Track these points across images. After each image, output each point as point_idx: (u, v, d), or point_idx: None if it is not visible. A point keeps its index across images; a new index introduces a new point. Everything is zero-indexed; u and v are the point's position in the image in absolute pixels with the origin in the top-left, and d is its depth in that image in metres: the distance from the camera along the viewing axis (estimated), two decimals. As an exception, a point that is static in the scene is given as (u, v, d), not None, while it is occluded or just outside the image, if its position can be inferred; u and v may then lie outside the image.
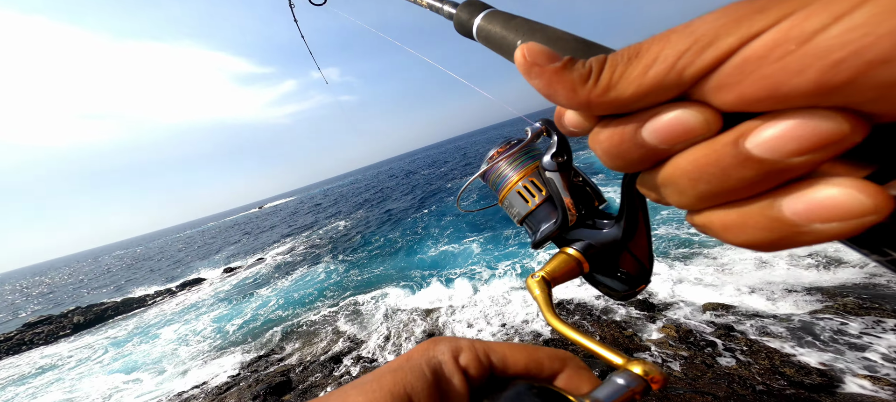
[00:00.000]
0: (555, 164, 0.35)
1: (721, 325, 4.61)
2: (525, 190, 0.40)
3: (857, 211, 0.14)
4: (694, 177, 0.18)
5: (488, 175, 0.44)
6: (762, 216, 0.17)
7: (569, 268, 0.35)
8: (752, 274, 5.79)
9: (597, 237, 0.35)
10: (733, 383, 3.18)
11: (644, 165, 0.21)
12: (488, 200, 0.53)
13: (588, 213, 0.37)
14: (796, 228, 0.16)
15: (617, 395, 0.21)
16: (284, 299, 10.41)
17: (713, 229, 0.20)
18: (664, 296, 5.89)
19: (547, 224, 0.39)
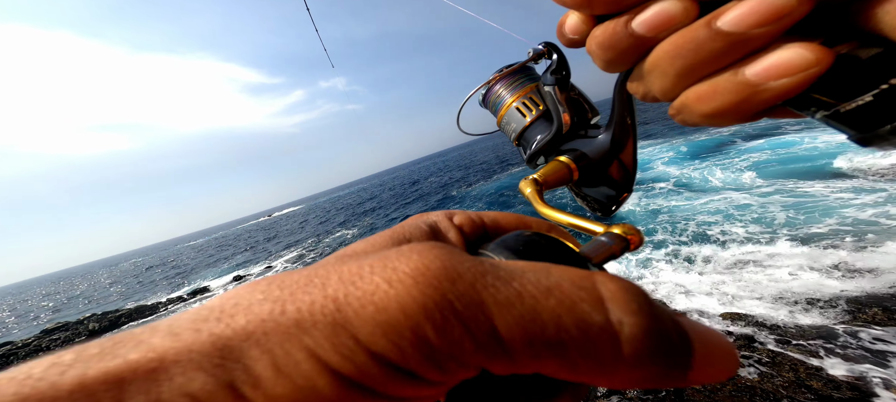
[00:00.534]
0: (553, 79, 0.37)
1: (740, 336, 4.39)
2: (523, 106, 0.42)
3: (802, 65, 0.18)
4: (673, 55, 0.21)
5: (488, 97, 0.45)
6: (729, 82, 0.20)
7: (560, 174, 0.37)
8: (773, 285, 5.54)
9: (589, 146, 0.36)
10: (755, 396, 3.00)
11: (633, 56, 0.24)
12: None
13: (581, 123, 0.39)
14: (756, 87, 0.19)
15: (600, 249, 0.23)
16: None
17: (689, 104, 0.23)
18: (678, 306, 5.67)
19: (542, 135, 0.40)
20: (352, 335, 0.13)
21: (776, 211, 7.86)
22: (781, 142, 12.90)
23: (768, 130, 15.42)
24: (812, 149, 11.26)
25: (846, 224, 6.49)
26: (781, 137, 13.64)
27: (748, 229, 7.46)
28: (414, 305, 0.13)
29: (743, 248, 6.83)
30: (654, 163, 15.12)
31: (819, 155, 10.44)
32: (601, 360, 0.13)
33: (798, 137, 12.88)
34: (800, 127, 13.90)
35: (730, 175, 11.12)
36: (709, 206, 9.31)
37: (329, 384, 0.13)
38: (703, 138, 16.94)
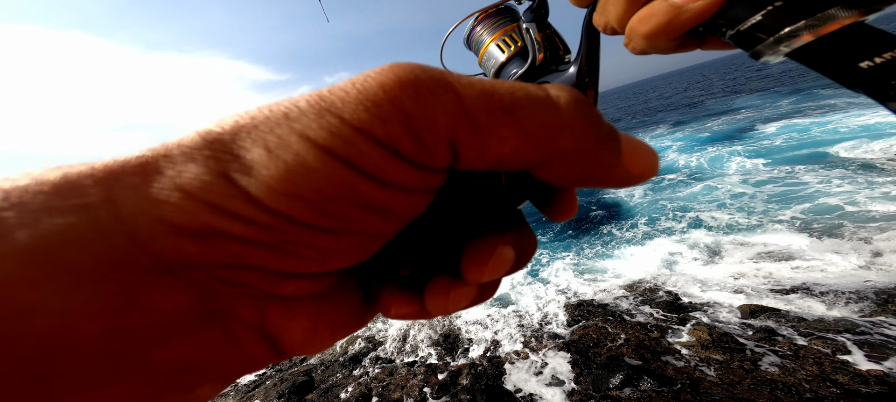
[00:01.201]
0: (532, 16, 0.39)
1: (760, 328, 4.26)
2: (503, 43, 0.44)
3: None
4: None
5: (471, 38, 0.47)
6: (661, 4, 0.24)
7: None
8: (795, 275, 5.34)
9: (558, 79, 0.39)
10: (777, 390, 2.91)
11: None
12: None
13: (553, 59, 0.41)
14: (679, 9, 0.23)
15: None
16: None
17: (634, 27, 0.26)
18: (694, 297, 5.54)
19: (517, 69, 0.42)
20: (338, 116, 0.14)
21: (798, 200, 7.54)
22: (797, 126, 12.30)
23: (785, 114, 14.73)
24: (831, 131, 10.74)
25: (874, 214, 6.17)
26: (797, 120, 13.01)
27: (768, 218, 7.19)
28: (392, 83, 0.14)
29: (762, 238, 6.60)
30: (666, 152, 14.68)
31: (839, 139, 9.97)
32: (545, 121, 0.16)
33: (811, 121, 12.28)
34: (821, 110, 13.20)
35: (747, 162, 10.70)
36: (723, 194, 9.01)
37: (318, 159, 0.13)
38: (722, 127, 16.32)
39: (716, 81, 41.09)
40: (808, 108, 14.61)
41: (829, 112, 12.75)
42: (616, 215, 9.95)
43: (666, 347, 4.29)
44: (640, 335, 4.68)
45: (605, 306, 5.87)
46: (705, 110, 21.99)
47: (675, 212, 8.92)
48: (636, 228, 8.77)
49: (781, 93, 20.41)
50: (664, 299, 5.60)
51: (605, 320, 5.39)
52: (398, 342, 6.53)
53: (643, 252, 7.54)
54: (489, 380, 4.53)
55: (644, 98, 49.85)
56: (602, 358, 4.38)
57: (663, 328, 4.76)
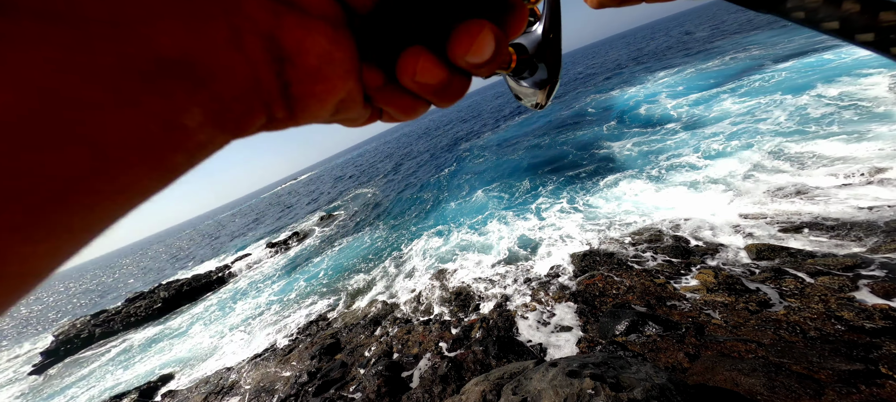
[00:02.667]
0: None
1: (767, 268, 4.30)
2: None
3: None
4: None
5: None
6: None
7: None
8: (804, 210, 5.23)
9: (526, 38, 0.42)
10: (781, 329, 3.00)
11: None
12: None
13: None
14: None
15: None
16: (328, 268, 11.22)
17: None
18: (701, 240, 5.55)
19: None
20: None
21: (804, 135, 7.14)
22: (810, 62, 11.20)
23: (797, 51, 13.36)
24: (842, 64, 9.80)
25: (881, 145, 5.83)
26: (808, 57, 11.82)
27: (772, 154, 6.90)
28: None
29: (768, 177, 6.39)
30: (671, 94, 13.73)
31: (846, 69, 9.15)
32: None
33: (828, 55, 11.12)
34: (833, 46, 11.86)
35: (752, 101, 10.00)
36: (730, 134, 8.57)
37: None
38: (721, 67, 14.97)
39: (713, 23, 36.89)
40: (819, 43, 13.17)
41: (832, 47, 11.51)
42: (618, 166, 9.67)
43: (671, 292, 4.41)
44: (646, 282, 4.81)
45: (612, 254, 5.96)
46: (710, 50, 20.08)
47: (675, 158, 8.61)
48: (641, 176, 8.56)
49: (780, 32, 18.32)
50: (670, 245, 5.64)
51: (610, 269, 5.51)
52: (413, 303, 6.90)
53: (649, 199, 7.44)
54: (500, 332, 4.82)
55: (646, 42, 45.44)
56: (608, 306, 4.56)
57: (669, 274, 4.86)
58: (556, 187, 9.88)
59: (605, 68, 30.67)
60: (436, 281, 7.42)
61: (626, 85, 19.47)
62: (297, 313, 8.75)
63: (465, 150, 20.59)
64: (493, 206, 10.39)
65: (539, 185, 10.58)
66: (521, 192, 10.62)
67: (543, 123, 18.34)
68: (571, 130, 14.77)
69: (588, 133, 13.46)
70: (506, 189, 11.25)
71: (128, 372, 9.24)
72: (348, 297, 8.55)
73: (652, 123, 11.68)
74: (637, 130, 11.58)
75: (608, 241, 6.53)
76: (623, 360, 2.71)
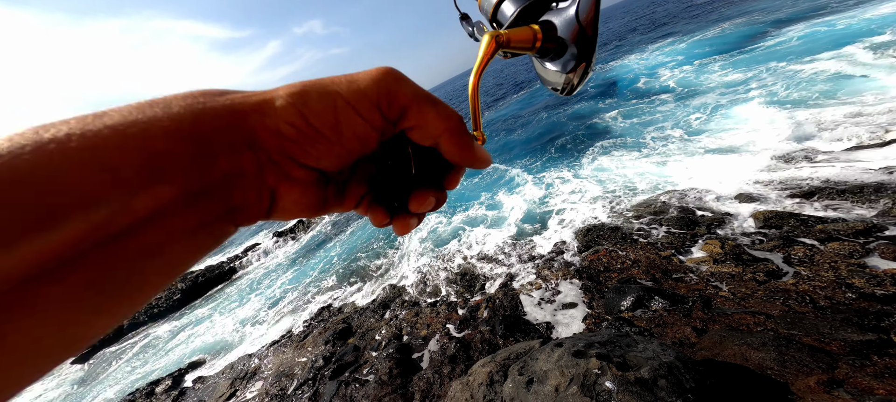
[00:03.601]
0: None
1: (775, 236, 4.24)
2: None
3: None
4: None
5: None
6: None
7: (524, 37, 0.41)
8: (812, 172, 5.08)
9: (557, 16, 0.41)
10: (790, 299, 2.99)
11: None
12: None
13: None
14: None
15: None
16: (336, 254, 11.36)
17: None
18: (707, 209, 5.47)
19: (515, 8, 0.45)
20: (357, 87, 0.28)
21: (807, 102, 6.81)
22: (813, 30, 10.45)
23: (796, 15, 12.42)
24: (840, 31, 9.16)
25: (889, 107, 5.55)
26: (808, 22, 10.99)
27: (775, 121, 6.63)
28: (382, 73, 0.28)
29: (774, 144, 6.17)
30: (670, 65, 13.05)
31: (844, 36, 8.56)
32: (446, 113, 0.30)
33: (827, 20, 10.34)
34: (832, 12, 10.96)
35: (753, 70, 9.49)
36: (732, 101, 8.22)
37: (344, 106, 0.27)
38: (720, 34, 14.04)
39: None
40: (829, 3, 12.17)
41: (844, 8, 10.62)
42: (619, 138, 9.39)
43: (677, 265, 4.39)
44: (651, 255, 4.79)
45: (616, 228, 5.91)
46: (709, 18, 18.76)
47: (677, 128, 8.32)
48: (642, 147, 8.33)
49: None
50: (675, 216, 5.56)
51: (615, 243, 5.48)
52: (420, 285, 7.00)
53: (652, 170, 7.28)
54: (506, 312, 4.89)
55: (646, 11, 42.60)
56: (613, 281, 4.57)
57: (675, 246, 4.82)
58: (558, 162, 9.69)
59: (602, 39, 29.27)
60: (441, 262, 7.48)
61: (624, 55, 18.68)
62: (310, 300, 8.95)
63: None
64: (495, 184, 10.27)
65: (540, 161, 10.38)
66: (522, 168, 10.45)
67: (542, 100, 17.76)
68: (571, 104, 14.29)
69: (587, 107, 13.04)
70: (507, 166, 11.08)
71: (160, 360, 9.67)
72: (358, 282, 8.69)
73: (651, 93, 11.27)
74: (636, 102, 11.19)
75: (612, 214, 6.46)
76: (629, 338, 2.72)
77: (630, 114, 10.48)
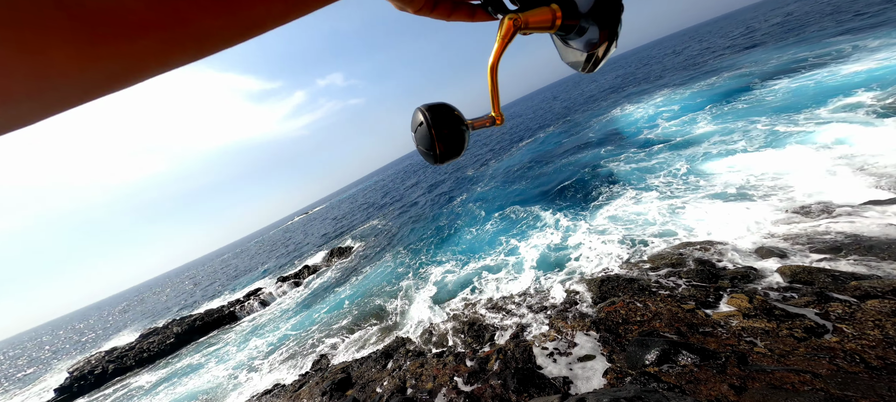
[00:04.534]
0: None
1: (808, 292, 3.98)
2: None
3: None
4: None
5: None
6: None
7: (543, 18, 0.40)
8: (832, 226, 4.94)
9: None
10: (837, 359, 2.70)
11: None
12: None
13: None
14: None
15: (478, 120, 0.47)
16: (340, 301, 11.01)
17: None
18: (727, 262, 5.25)
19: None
20: None
21: (816, 151, 6.95)
22: (804, 83, 11.19)
23: (784, 68, 13.47)
24: (832, 82, 9.76)
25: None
26: (800, 75, 11.84)
27: (788, 167, 6.68)
28: None
29: (788, 196, 6.14)
30: (670, 115, 13.83)
31: (836, 88, 9.06)
32: None
33: (818, 75, 11.12)
34: (822, 64, 11.95)
35: (754, 120, 9.93)
36: (735, 151, 8.43)
37: None
38: (715, 86, 15.17)
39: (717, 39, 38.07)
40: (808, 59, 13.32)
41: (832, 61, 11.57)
42: (626, 188, 9.53)
43: (703, 319, 4.09)
44: (673, 308, 4.49)
45: (632, 280, 5.66)
46: (708, 69, 20.56)
47: (685, 178, 8.45)
48: (651, 197, 8.38)
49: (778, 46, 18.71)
50: (694, 269, 5.34)
51: (632, 295, 5.20)
52: (426, 334, 6.59)
53: (663, 221, 7.21)
54: (519, 364, 4.49)
55: (639, 66, 47.06)
56: (633, 334, 4.24)
57: (698, 299, 4.54)
58: (567, 212, 9.73)
59: (600, 90, 31.29)
60: (448, 311, 7.14)
61: (625, 105, 19.67)
62: (308, 348, 8.44)
63: (472, 178, 20.81)
64: (504, 234, 10.23)
65: (549, 210, 10.45)
66: (531, 218, 10.48)
67: (546, 149, 18.56)
68: (575, 153, 14.85)
69: (591, 155, 13.48)
70: (515, 216, 11.14)
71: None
72: (360, 329, 8.26)
73: (655, 143, 11.65)
74: (641, 151, 11.54)
75: (627, 265, 6.24)
76: (659, 394, 2.45)
77: (636, 162, 10.73)
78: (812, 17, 25.99)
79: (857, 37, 13.95)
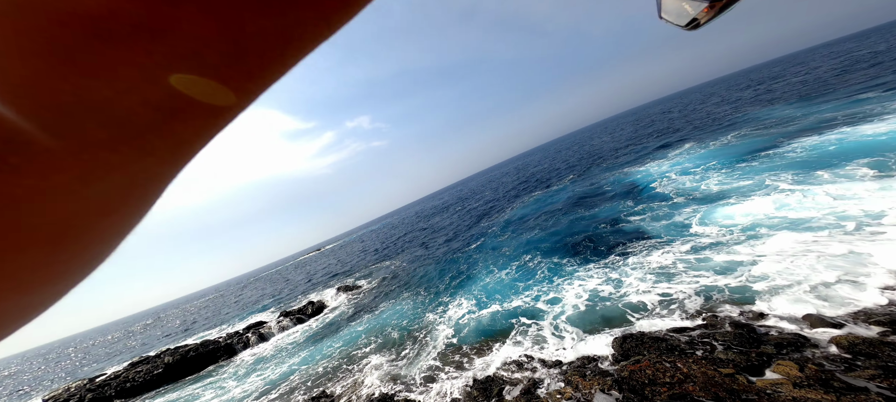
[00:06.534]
0: None
1: (871, 365, 3.42)
2: None
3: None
4: None
5: None
6: None
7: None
8: (880, 295, 4.38)
9: None
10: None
11: None
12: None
13: None
14: None
15: None
16: (341, 343, 10.54)
17: None
18: (772, 327, 4.67)
19: None
20: None
21: (845, 217, 6.46)
22: (825, 141, 10.89)
23: (808, 127, 13.18)
24: (858, 143, 9.35)
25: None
26: (823, 135, 11.57)
27: (841, 234, 6.16)
28: None
29: (827, 261, 5.59)
30: (684, 171, 13.62)
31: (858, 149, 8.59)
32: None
33: (839, 133, 10.80)
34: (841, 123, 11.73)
35: (788, 177, 9.54)
36: (765, 210, 7.97)
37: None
38: (734, 144, 15.01)
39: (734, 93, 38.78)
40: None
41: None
42: (646, 243, 9.08)
43: (745, 385, 3.54)
44: (709, 371, 3.94)
45: (659, 338, 5.10)
46: (718, 126, 20.60)
47: (706, 236, 7.96)
48: (673, 253, 7.90)
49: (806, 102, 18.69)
50: (731, 331, 4.78)
51: (660, 354, 4.64)
52: (429, 383, 5.99)
53: (688, 277, 6.68)
54: (529, 424, 3.95)
55: (651, 121, 48.21)
56: (663, 397, 3.69)
57: (737, 364, 3.99)
58: (584, 264, 9.28)
59: (614, 145, 31.36)
60: (454, 362, 6.60)
61: (645, 161, 19.43)
62: (299, 392, 7.89)
63: (486, 226, 20.69)
64: (518, 284, 9.78)
65: (565, 261, 10.02)
66: (545, 269, 10.04)
67: (560, 200, 18.42)
68: (589, 206, 14.59)
69: (607, 208, 13.18)
70: (530, 266, 10.73)
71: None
72: (358, 374, 7.70)
73: (673, 198, 11.31)
74: (658, 206, 11.18)
75: (651, 323, 5.68)
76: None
77: (651, 218, 10.34)
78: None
79: None
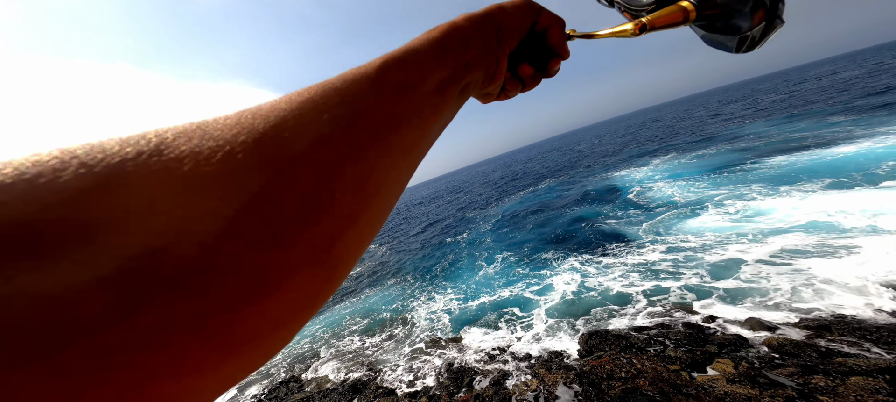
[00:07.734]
0: None
1: (792, 363, 3.91)
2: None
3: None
4: None
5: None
6: None
7: (672, 19, 0.37)
8: (819, 304, 4.97)
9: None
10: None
11: None
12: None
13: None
14: None
15: None
16: (314, 326, 10.51)
17: None
18: (718, 329, 5.18)
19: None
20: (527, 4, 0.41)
21: (809, 231, 7.19)
22: (799, 159, 11.91)
23: (783, 147, 14.30)
24: (830, 161, 10.34)
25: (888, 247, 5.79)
26: (797, 155, 12.61)
27: (780, 251, 6.84)
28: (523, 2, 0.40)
29: (777, 271, 6.23)
30: (666, 178, 14.45)
31: (833, 167, 9.56)
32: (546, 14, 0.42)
33: (813, 155, 11.86)
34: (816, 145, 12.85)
35: (751, 195, 10.36)
36: (731, 221, 8.68)
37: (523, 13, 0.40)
38: (714, 156, 16.05)
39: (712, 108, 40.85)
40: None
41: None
42: (624, 245, 9.65)
43: (686, 381, 3.96)
44: (658, 367, 4.35)
45: (621, 336, 5.53)
46: (708, 137, 21.87)
47: (682, 242, 8.60)
48: (646, 257, 8.46)
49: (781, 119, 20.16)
50: (682, 331, 5.26)
51: (619, 351, 5.05)
52: (403, 371, 6.23)
53: (653, 282, 7.21)
54: (495, 413, 4.23)
55: (636, 131, 50.05)
56: (616, 390, 4.06)
57: (684, 361, 4.42)
58: (563, 262, 9.72)
59: (596, 153, 32.51)
60: (429, 350, 6.83)
61: (624, 167, 20.31)
62: (268, 372, 7.89)
63: (472, 218, 20.99)
64: (497, 278, 10.11)
65: (546, 258, 10.44)
66: (527, 265, 10.43)
67: (545, 200, 18.99)
68: (573, 207, 15.17)
69: (589, 211, 13.74)
70: (512, 262, 11.09)
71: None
72: (329, 358, 7.80)
73: (650, 206, 11.96)
74: (636, 212, 11.81)
75: (617, 321, 6.13)
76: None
77: (632, 222, 10.92)
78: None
79: None
